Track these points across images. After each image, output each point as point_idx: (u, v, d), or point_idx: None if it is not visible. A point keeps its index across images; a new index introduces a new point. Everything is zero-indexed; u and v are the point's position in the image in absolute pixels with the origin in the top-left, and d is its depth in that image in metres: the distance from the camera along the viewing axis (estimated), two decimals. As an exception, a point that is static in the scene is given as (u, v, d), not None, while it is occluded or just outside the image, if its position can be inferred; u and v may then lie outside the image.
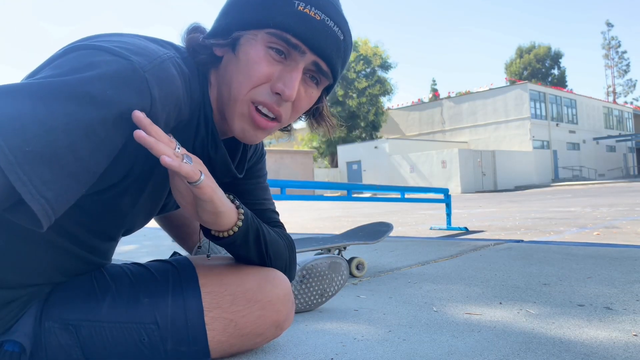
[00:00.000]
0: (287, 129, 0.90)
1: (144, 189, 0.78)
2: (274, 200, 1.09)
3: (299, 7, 0.72)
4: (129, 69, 0.62)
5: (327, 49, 0.75)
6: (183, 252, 1.32)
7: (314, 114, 0.89)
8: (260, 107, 0.77)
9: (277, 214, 1.08)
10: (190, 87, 0.74)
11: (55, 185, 0.57)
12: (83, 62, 0.61)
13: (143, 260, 1.02)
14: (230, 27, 0.75)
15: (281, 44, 0.73)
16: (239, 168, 0.92)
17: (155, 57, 0.67)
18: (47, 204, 0.56)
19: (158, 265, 0.94)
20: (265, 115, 0.78)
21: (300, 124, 0.96)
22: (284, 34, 0.72)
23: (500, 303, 1.41)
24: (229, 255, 1.23)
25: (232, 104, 0.77)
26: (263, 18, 0.73)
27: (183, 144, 0.78)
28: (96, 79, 0.60)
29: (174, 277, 0.90)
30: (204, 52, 0.76)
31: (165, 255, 1.24)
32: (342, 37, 0.77)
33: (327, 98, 0.89)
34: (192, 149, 0.81)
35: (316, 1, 0.74)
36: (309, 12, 0.73)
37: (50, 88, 0.58)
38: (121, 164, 0.69)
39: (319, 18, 0.73)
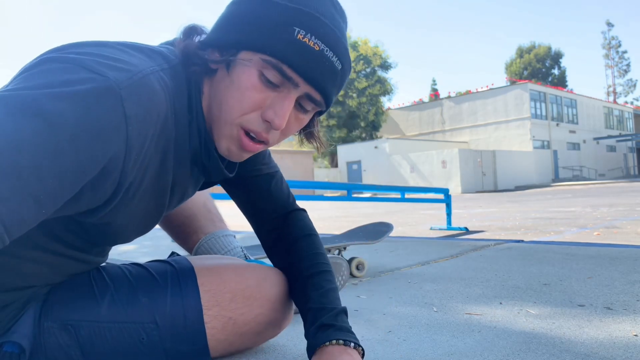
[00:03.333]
0: None
1: (135, 208, 0.75)
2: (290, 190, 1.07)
3: (299, 36, 0.69)
4: (103, 87, 0.59)
5: (322, 81, 0.73)
6: (182, 252, 1.32)
7: (305, 134, 0.88)
8: (249, 133, 0.76)
9: (303, 210, 1.07)
10: (175, 101, 0.72)
11: (12, 203, 0.52)
12: (56, 78, 0.58)
13: (142, 260, 1.02)
14: (227, 43, 0.73)
15: (275, 75, 0.71)
16: (230, 168, 0.90)
17: (135, 72, 0.63)
18: (0, 222, 0.52)
19: (157, 265, 0.94)
20: (253, 138, 0.76)
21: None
22: (279, 64, 0.70)
23: (501, 303, 1.41)
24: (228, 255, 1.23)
25: (221, 124, 0.76)
26: (261, 42, 0.70)
27: (180, 155, 0.77)
28: (68, 97, 0.56)
29: (173, 276, 0.91)
30: (199, 63, 0.74)
31: (165, 255, 1.24)
32: (339, 67, 0.74)
33: (319, 119, 0.87)
34: (190, 163, 0.80)
35: (317, 30, 0.70)
36: (308, 41, 0.70)
37: (19, 102, 0.55)
38: (103, 188, 0.65)
39: (317, 48, 0.70)
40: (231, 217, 2.03)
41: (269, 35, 0.70)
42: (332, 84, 0.75)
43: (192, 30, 0.77)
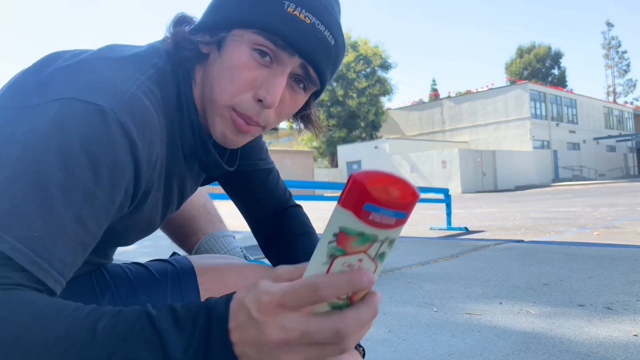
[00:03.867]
0: (273, 129, 0.86)
1: (139, 217, 0.76)
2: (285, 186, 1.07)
3: (289, 9, 0.69)
4: (102, 118, 0.59)
5: (315, 54, 0.72)
6: (183, 253, 1.32)
7: (302, 118, 0.87)
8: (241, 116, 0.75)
9: (299, 207, 1.06)
10: (165, 107, 0.72)
11: (69, 259, 0.57)
12: (56, 119, 0.58)
13: (143, 260, 1.02)
14: (217, 24, 0.73)
15: (268, 45, 0.70)
16: (230, 162, 0.90)
17: (124, 93, 0.63)
18: (62, 277, 0.57)
19: (157, 265, 0.94)
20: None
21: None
22: (271, 36, 0.69)
23: (501, 303, 1.41)
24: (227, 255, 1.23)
25: (213, 106, 0.75)
26: (251, 18, 0.70)
27: (173, 159, 0.77)
28: (77, 138, 0.57)
29: (173, 275, 0.91)
30: (189, 48, 0.74)
31: (165, 255, 1.24)
32: (333, 42, 0.73)
33: (315, 103, 0.87)
34: (182, 158, 0.79)
35: (307, 3, 0.70)
36: (299, 14, 0.69)
37: (34, 162, 0.56)
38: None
39: (309, 21, 0.70)
40: (231, 217, 2.03)
41: (259, 11, 0.70)
42: (326, 60, 0.74)
43: (182, 20, 0.76)
